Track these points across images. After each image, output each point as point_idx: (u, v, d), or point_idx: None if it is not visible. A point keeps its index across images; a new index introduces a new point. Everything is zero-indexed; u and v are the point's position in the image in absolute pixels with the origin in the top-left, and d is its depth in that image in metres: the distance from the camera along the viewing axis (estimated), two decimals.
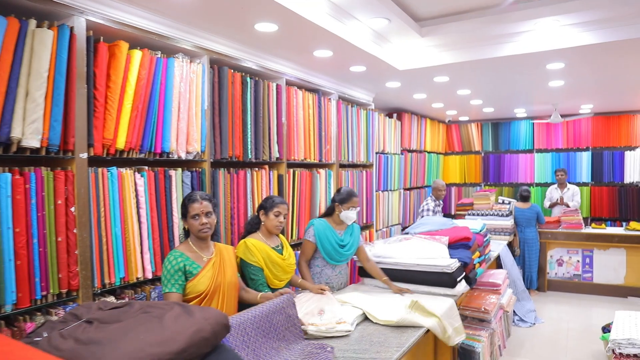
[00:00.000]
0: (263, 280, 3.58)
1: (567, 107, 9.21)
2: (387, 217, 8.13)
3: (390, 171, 8.21)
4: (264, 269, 3.59)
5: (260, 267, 3.58)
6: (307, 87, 5.72)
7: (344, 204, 4.13)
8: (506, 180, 10.97)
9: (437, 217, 5.97)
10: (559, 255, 8.20)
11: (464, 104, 8.55)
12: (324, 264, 4.16)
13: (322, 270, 4.18)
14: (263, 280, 3.58)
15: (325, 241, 4.08)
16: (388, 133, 8.17)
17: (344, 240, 4.18)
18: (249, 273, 3.58)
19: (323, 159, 5.88)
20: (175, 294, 2.94)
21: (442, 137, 11.35)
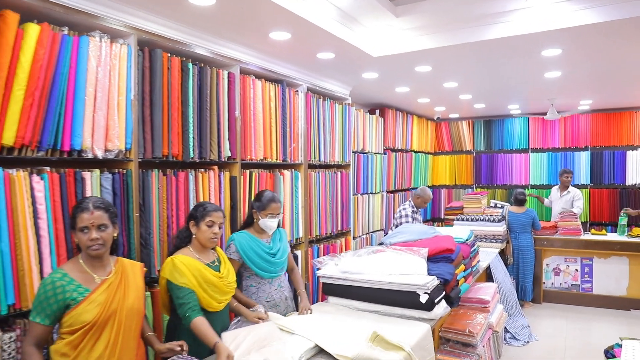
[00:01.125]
0: (194, 304, 2.98)
1: (564, 103, 8.62)
2: (368, 223, 7.50)
3: (371, 172, 7.58)
4: (196, 291, 3.00)
5: (191, 288, 2.98)
6: (269, 77, 5.09)
7: (263, 212, 3.70)
8: (499, 182, 10.40)
9: (416, 225, 5.33)
10: (556, 263, 7.64)
11: (452, 98, 7.92)
12: (258, 280, 3.72)
13: (259, 288, 3.73)
14: (194, 304, 2.98)
15: (252, 254, 3.64)
16: (369, 130, 7.54)
17: (273, 247, 3.78)
18: (177, 297, 2.99)
19: (288, 159, 5.24)
20: (39, 325, 2.35)
21: (431, 136, 10.74)
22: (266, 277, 3.70)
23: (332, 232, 6.11)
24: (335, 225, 6.18)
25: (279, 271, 3.79)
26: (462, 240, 4.80)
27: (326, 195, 5.96)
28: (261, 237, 3.76)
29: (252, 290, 3.71)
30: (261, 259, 3.66)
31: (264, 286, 3.73)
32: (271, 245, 3.78)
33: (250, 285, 3.72)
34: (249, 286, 3.72)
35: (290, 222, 5.25)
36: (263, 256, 3.67)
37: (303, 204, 5.48)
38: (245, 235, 3.71)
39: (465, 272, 4.57)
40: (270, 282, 3.75)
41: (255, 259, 3.64)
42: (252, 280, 3.72)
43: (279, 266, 3.78)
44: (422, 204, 6.65)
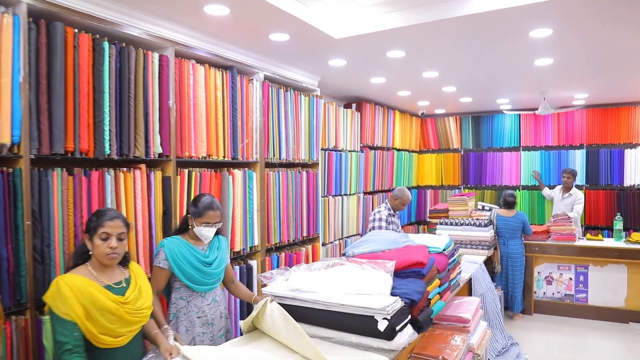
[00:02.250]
0: (75, 345, 2.40)
1: (557, 98, 8.02)
2: (341, 228, 6.90)
3: (346, 172, 6.98)
4: (80, 324, 2.40)
5: (74, 321, 2.39)
6: (216, 63, 4.47)
7: (198, 219, 3.29)
8: (488, 183, 9.82)
9: (385, 233, 4.71)
10: (548, 271, 7.13)
11: (435, 91, 7.31)
12: (189, 293, 3.29)
13: (190, 302, 3.29)
14: (75, 345, 2.40)
15: (183, 263, 3.21)
16: (343, 126, 6.94)
17: (209, 256, 3.36)
18: (54, 331, 2.43)
19: (239, 156, 4.63)
20: None
21: (416, 133, 10.14)
22: (198, 290, 3.27)
23: (296, 239, 5.50)
24: (299, 231, 5.57)
25: (213, 283, 3.36)
26: (438, 250, 4.24)
27: (288, 198, 5.35)
28: (196, 244, 3.34)
29: (181, 304, 3.27)
30: (194, 268, 3.23)
31: (196, 300, 3.29)
32: (207, 253, 3.35)
33: (180, 298, 3.27)
34: (178, 299, 3.27)
35: (242, 228, 4.63)
36: (196, 265, 3.24)
37: (259, 208, 4.87)
38: (177, 242, 3.27)
39: (441, 287, 4.00)
40: (203, 295, 3.32)
41: (187, 268, 3.21)
42: (182, 293, 3.28)
43: (214, 278, 3.35)
44: (400, 206, 6.04)
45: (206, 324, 3.31)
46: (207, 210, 3.28)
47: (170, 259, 3.19)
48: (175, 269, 3.19)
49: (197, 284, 3.26)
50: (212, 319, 3.37)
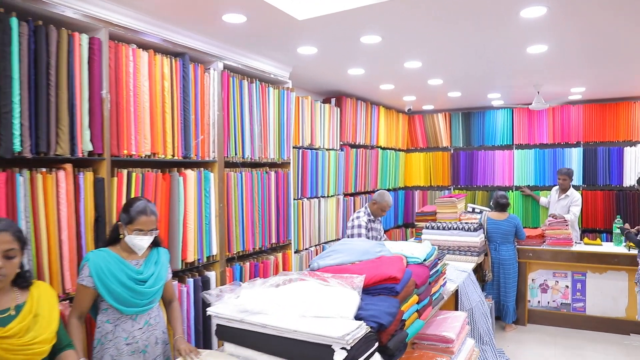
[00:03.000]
0: None
1: (552, 91, 7.56)
2: (318, 233, 6.40)
3: (323, 172, 6.49)
4: None
5: None
6: (163, 49, 3.96)
7: (129, 226, 2.86)
8: (480, 183, 9.37)
9: (358, 241, 4.19)
10: (543, 279, 6.70)
11: (420, 85, 6.83)
12: (117, 316, 2.83)
13: (117, 326, 2.83)
14: None
15: (109, 280, 2.76)
16: (319, 122, 6.45)
17: (144, 271, 2.92)
18: None
19: (192, 155, 4.12)
20: None
21: (403, 131, 9.68)
22: (127, 312, 2.82)
23: (263, 247, 5.00)
24: (267, 238, 5.07)
25: (147, 304, 2.90)
26: (417, 261, 3.78)
27: (254, 201, 4.85)
28: (129, 258, 2.91)
29: (107, 329, 2.81)
30: (123, 287, 2.78)
31: (125, 324, 2.83)
32: (141, 269, 2.91)
33: (106, 321, 2.82)
34: (104, 322, 2.82)
35: (196, 236, 4.13)
36: (126, 283, 2.80)
37: (217, 213, 4.36)
38: (105, 255, 2.82)
39: (421, 304, 3.54)
40: (134, 318, 2.86)
41: (114, 286, 2.76)
42: (109, 315, 2.82)
43: (148, 298, 2.89)
44: (380, 212, 5.55)
45: (137, 352, 2.84)
46: (140, 216, 2.84)
47: (94, 276, 2.73)
48: (100, 287, 2.73)
49: (126, 305, 2.80)
50: (145, 346, 2.90)
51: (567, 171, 7.32)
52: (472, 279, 5.55)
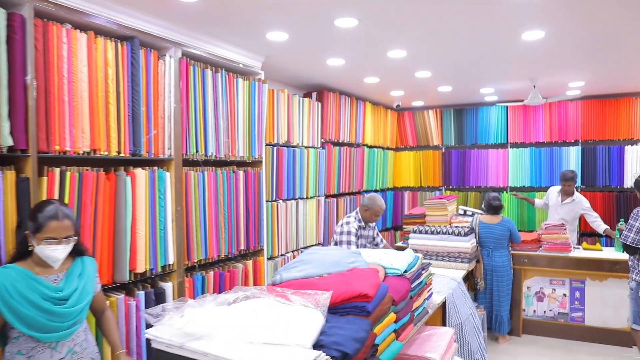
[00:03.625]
0: None
1: (550, 86, 7.15)
2: (296, 237, 5.97)
3: (301, 171, 6.07)
4: None
5: None
6: (108, 31, 3.51)
7: (38, 234, 2.42)
8: (472, 184, 8.96)
9: (330, 250, 3.72)
10: (539, 286, 6.31)
11: (407, 77, 6.40)
12: (31, 346, 2.39)
13: (31, 357, 2.39)
14: None
15: (18, 302, 2.31)
16: (297, 118, 6.02)
17: (64, 287, 2.49)
18: None
19: (143, 152, 3.68)
20: None
21: (391, 128, 9.25)
22: (45, 339, 2.38)
23: (230, 254, 4.56)
24: (235, 244, 4.63)
25: (70, 327, 2.46)
26: (397, 273, 3.38)
27: (218, 203, 4.41)
28: (44, 273, 2.47)
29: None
30: (36, 309, 2.34)
31: (42, 354, 2.39)
32: (61, 285, 2.48)
33: (17, 352, 2.37)
34: (14, 355, 2.38)
35: (148, 243, 3.70)
36: (40, 304, 2.35)
37: (174, 217, 3.92)
38: (11, 272, 2.37)
39: (400, 322, 3.13)
40: (54, 347, 2.43)
41: (24, 309, 2.31)
42: (21, 345, 2.38)
43: (72, 319, 2.46)
44: (373, 218, 5.08)
45: None
46: (49, 222, 2.41)
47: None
48: (6, 312, 2.29)
49: (42, 331, 2.36)
50: None
51: (573, 176, 6.80)
52: (462, 288, 5.14)
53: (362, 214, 5.06)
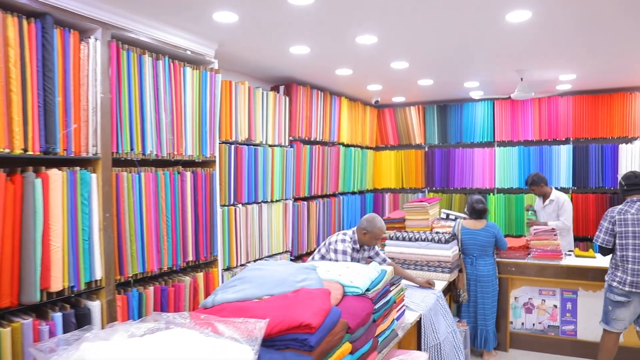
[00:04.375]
0: None
1: (538, 79, 6.69)
2: (259, 245, 5.48)
3: (265, 172, 5.57)
4: None
5: None
6: (15, 5, 2.98)
7: None
8: (457, 185, 8.52)
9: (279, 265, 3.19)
10: (527, 297, 5.93)
11: (383, 69, 5.91)
12: None
13: None
14: None
15: None
16: (261, 113, 5.54)
17: None
18: None
19: (59, 149, 3.15)
20: None
21: (371, 126, 8.78)
22: None
23: (175, 266, 4.04)
24: (181, 255, 4.12)
25: None
26: (357, 292, 2.92)
27: (159, 209, 3.90)
28: None
29: None
30: None
31: None
32: None
33: None
34: None
35: (68, 257, 3.18)
36: None
37: (102, 225, 3.40)
38: None
39: (358, 352, 2.68)
40: None
41: None
42: None
43: None
44: (372, 242, 4.46)
45: None
46: None
47: None
48: None
49: None
50: None
51: (533, 179, 6.56)
52: (442, 302, 4.68)
53: (360, 237, 4.47)
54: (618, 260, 4.52)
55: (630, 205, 4.51)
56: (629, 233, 4.42)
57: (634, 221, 4.42)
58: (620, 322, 4.55)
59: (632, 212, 4.45)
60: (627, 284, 4.40)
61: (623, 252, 4.46)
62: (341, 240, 4.44)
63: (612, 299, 4.53)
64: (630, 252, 4.41)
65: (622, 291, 4.44)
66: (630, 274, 4.38)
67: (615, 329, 4.60)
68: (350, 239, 4.49)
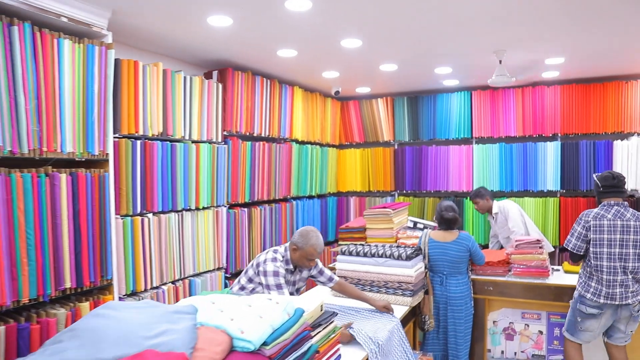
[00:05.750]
0: None
1: (520, 63, 5.91)
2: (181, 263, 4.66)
3: (186, 173, 4.73)
4: None
5: None
6: None
7: None
8: (430, 188, 7.73)
9: (134, 312, 2.25)
10: (508, 321, 5.25)
11: (333, 50, 5.09)
12: None
13: None
14: None
15: None
16: (182, 102, 4.71)
17: None
18: None
19: None
20: None
21: (333, 120, 7.99)
22: None
23: (43, 296, 3.18)
24: (52, 281, 3.26)
25: None
26: (248, 349, 2.15)
27: (14, 223, 3.01)
28: None
29: None
30: None
31: None
32: None
33: None
34: None
35: None
36: None
37: None
38: None
39: None
40: None
41: None
42: None
43: None
44: (303, 262, 3.67)
45: None
46: None
47: None
48: None
49: None
50: None
51: (476, 193, 6.27)
52: (401, 334, 3.88)
53: (291, 254, 3.69)
54: (592, 269, 4.19)
55: (607, 209, 4.16)
56: (604, 240, 4.10)
57: (610, 228, 4.09)
58: (588, 334, 4.28)
59: (608, 217, 4.11)
60: (602, 295, 4.09)
61: (597, 262, 4.14)
62: (271, 260, 3.64)
63: (583, 310, 4.22)
64: (605, 261, 4.10)
65: (596, 303, 4.14)
66: (606, 284, 4.08)
67: (581, 341, 4.35)
68: (282, 257, 3.71)
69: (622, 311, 4.09)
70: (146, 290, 4.23)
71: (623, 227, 4.04)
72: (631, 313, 4.07)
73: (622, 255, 4.04)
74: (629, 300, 4.02)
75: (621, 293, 4.03)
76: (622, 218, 4.05)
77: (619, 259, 4.05)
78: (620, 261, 4.04)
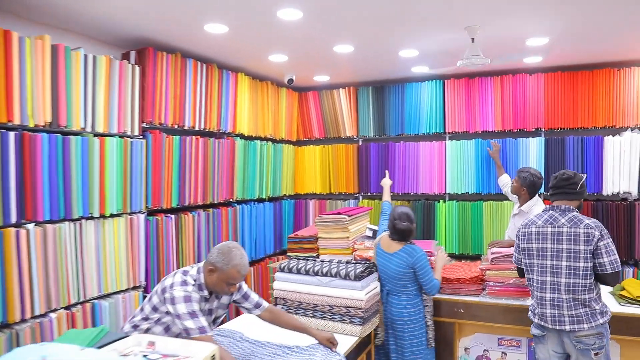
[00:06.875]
0: None
1: (497, 42, 5.19)
2: (78, 283, 3.89)
3: (85, 173, 3.97)
4: None
5: None
6: None
7: None
8: (399, 190, 7.02)
9: None
10: (482, 348, 4.61)
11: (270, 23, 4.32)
12: None
13: None
14: None
15: None
16: (82, 86, 4.00)
17: None
18: None
19: None
20: None
21: (289, 113, 7.28)
22: None
23: None
24: None
25: None
26: None
27: None
28: None
29: None
30: None
31: None
32: None
33: None
34: None
35: None
36: None
37: None
38: None
39: None
40: None
41: None
42: None
43: None
44: (222, 287, 2.94)
45: None
46: None
47: None
48: None
49: None
50: None
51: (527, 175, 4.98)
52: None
53: (206, 276, 2.94)
54: (529, 283, 3.74)
55: (541, 214, 3.66)
56: (533, 250, 3.59)
57: (539, 235, 3.56)
58: None
59: (538, 224, 3.59)
60: (536, 314, 3.62)
61: (529, 274, 3.68)
62: (180, 283, 2.89)
63: (531, 331, 3.74)
64: (535, 274, 3.60)
65: (535, 323, 3.66)
66: (538, 302, 3.59)
67: None
68: (195, 280, 2.94)
69: (565, 339, 3.47)
70: (24, 321, 3.44)
71: (554, 235, 3.48)
72: (574, 345, 3.41)
73: (554, 268, 3.47)
74: (566, 326, 3.40)
75: (553, 315, 3.47)
76: (554, 224, 3.49)
77: (550, 273, 3.49)
78: (552, 275, 3.47)
